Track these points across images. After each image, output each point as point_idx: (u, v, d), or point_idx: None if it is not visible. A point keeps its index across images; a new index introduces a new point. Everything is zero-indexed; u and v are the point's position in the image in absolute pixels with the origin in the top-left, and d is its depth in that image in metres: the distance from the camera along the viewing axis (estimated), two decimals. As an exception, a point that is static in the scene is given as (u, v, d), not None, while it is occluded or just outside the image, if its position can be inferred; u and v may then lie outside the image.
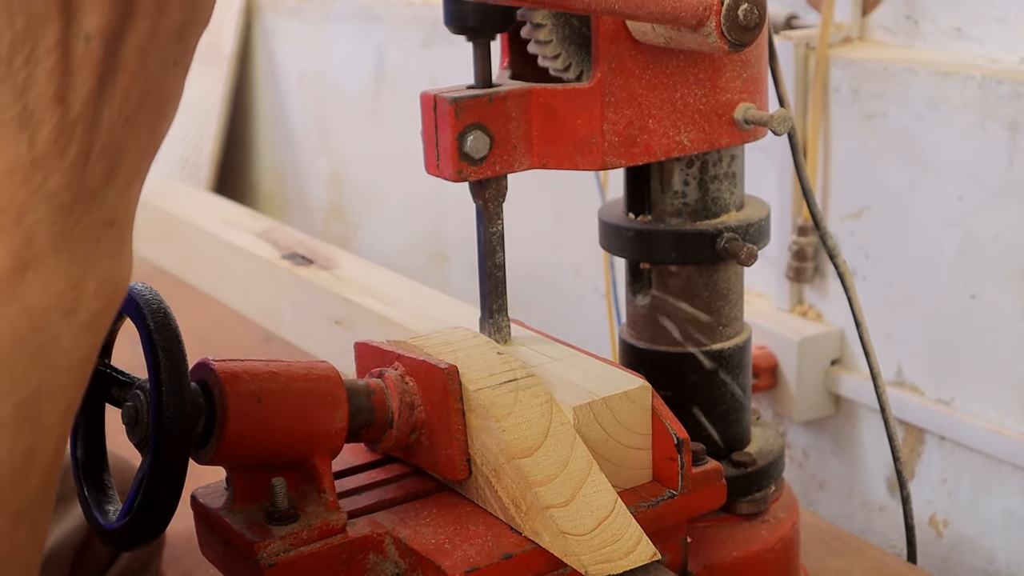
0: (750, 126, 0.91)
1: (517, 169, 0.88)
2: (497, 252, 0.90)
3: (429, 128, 0.86)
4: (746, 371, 0.99)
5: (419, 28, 2.14)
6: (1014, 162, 1.23)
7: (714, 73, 0.89)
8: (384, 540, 0.77)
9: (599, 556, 0.72)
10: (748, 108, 0.91)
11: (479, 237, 0.89)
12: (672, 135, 0.89)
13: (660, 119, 0.89)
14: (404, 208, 2.30)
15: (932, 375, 1.37)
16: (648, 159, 0.89)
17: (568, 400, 0.80)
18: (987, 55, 1.31)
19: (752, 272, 1.43)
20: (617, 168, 0.89)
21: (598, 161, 0.88)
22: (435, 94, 0.85)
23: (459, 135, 0.84)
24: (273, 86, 2.66)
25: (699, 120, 0.90)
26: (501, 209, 0.89)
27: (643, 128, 0.88)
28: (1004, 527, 1.33)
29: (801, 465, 1.57)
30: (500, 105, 0.86)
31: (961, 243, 1.30)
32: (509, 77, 0.93)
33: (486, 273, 0.90)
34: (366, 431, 0.81)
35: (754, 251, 0.92)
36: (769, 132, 0.92)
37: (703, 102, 0.90)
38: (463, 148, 0.84)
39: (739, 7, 0.82)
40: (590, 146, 0.87)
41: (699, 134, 0.90)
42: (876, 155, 1.38)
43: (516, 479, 0.75)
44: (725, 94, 0.90)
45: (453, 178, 0.85)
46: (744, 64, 0.91)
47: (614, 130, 0.87)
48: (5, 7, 0.44)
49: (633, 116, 0.88)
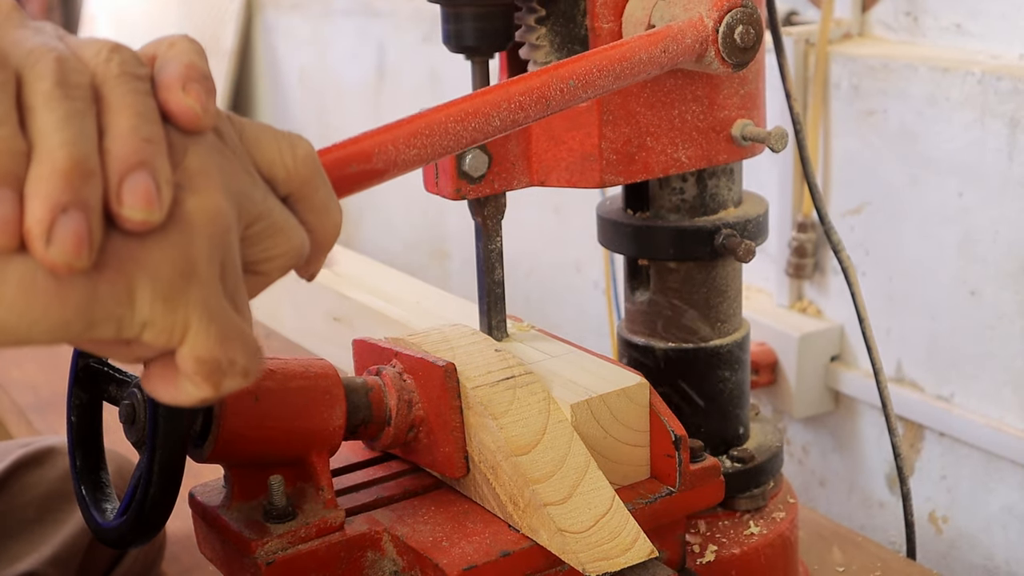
0: (748, 143, 0.91)
1: (516, 187, 0.88)
2: (496, 269, 0.90)
3: None
4: (745, 367, 0.99)
5: (420, 23, 2.14)
6: (1014, 158, 1.23)
7: (712, 90, 0.90)
8: (382, 538, 0.77)
9: (596, 553, 0.72)
10: (746, 125, 0.91)
11: (478, 254, 0.90)
12: (670, 152, 0.90)
13: (658, 136, 0.89)
14: (405, 204, 2.30)
15: (932, 371, 1.37)
16: (646, 176, 0.90)
17: (566, 397, 0.80)
18: (987, 51, 1.30)
19: (752, 268, 1.43)
20: (615, 186, 0.90)
21: (596, 179, 0.88)
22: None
23: (458, 154, 0.84)
24: (274, 81, 2.66)
25: (697, 137, 0.90)
26: (500, 226, 0.89)
27: (641, 146, 0.88)
28: (1003, 523, 1.33)
29: (801, 461, 1.57)
30: None
31: (961, 239, 1.30)
32: None
33: (485, 290, 0.90)
34: (364, 428, 0.81)
35: (752, 247, 0.92)
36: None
37: (701, 119, 0.90)
38: (462, 167, 0.85)
39: (735, 31, 0.82)
40: (588, 164, 0.88)
41: (697, 151, 0.90)
42: (876, 151, 1.38)
43: (514, 476, 0.75)
44: (723, 111, 0.91)
45: (452, 196, 0.85)
46: (742, 81, 0.91)
47: (612, 148, 0.87)
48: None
49: (631, 134, 0.88)
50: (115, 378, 0.78)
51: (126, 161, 0.44)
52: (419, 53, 2.15)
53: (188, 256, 0.45)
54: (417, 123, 0.65)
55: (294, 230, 0.51)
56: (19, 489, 1.05)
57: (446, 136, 0.66)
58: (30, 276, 0.42)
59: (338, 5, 2.38)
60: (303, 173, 0.52)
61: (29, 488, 1.05)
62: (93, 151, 0.43)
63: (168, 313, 0.45)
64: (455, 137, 0.66)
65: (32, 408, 1.44)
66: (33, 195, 0.42)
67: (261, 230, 0.49)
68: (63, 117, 0.43)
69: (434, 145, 0.65)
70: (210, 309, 0.46)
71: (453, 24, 0.86)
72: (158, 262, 0.44)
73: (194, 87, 0.47)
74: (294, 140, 0.52)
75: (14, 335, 0.43)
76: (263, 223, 0.49)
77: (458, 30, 0.86)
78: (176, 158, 0.46)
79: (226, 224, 0.47)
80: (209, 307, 0.46)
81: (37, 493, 1.05)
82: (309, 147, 0.52)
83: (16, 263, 0.42)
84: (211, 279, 0.46)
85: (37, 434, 1.37)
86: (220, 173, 0.47)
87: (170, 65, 0.47)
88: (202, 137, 0.47)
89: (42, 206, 0.42)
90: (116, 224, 0.44)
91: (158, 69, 0.48)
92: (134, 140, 0.44)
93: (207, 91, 0.47)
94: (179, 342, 0.45)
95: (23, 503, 1.04)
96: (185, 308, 0.45)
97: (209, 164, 0.47)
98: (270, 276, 0.51)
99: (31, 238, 0.42)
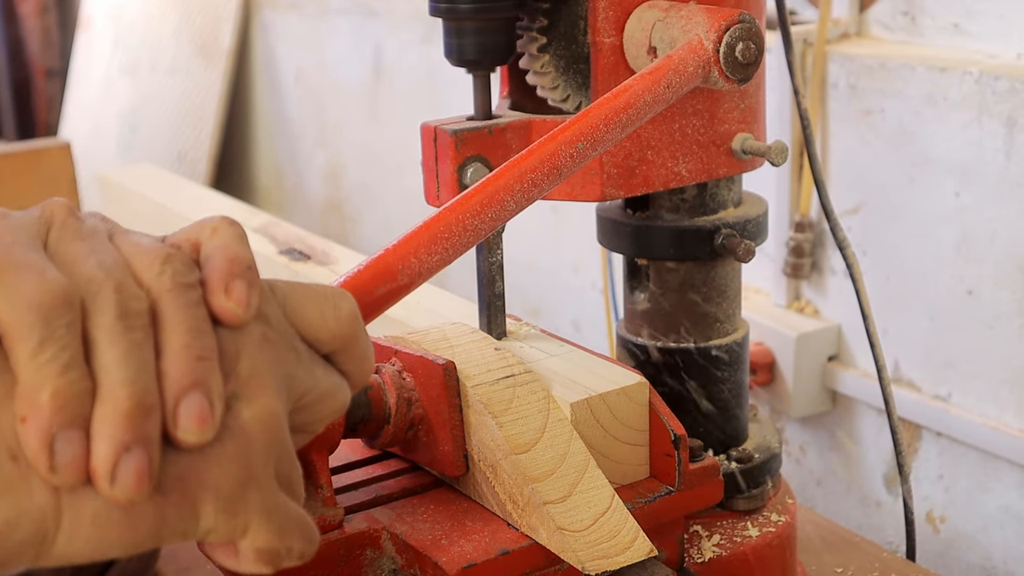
0: (748, 156, 0.92)
1: None
2: (496, 282, 0.90)
3: (429, 159, 0.86)
4: (744, 367, 0.99)
5: (417, 23, 2.14)
6: (1011, 158, 1.23)
7: (712, 104, 0.90)
8: (381, 536, 0.77)
9: (596, 552, 0.72)
10: (746, 138, 0.91)
11: (478, 266, 0.90)
12: (671, 166, 0.90)
13: (659, 150, 0.89)
14: (402, 203, 2.30)
15: (929, 371, 1.37)
16: (647, 190, 0.90)
17: (565, 396, 0.80)
18: (985, 51, 1.31)
19: (750, 268, 1.43)
20: (616, 199, 0.90)
21: (597, 192, 0.88)
22: (435, 126, 0.86)
23: (459, 167, 0.85)
24: (271, 81, 2.66)
25: (697, 151, 0.90)
26: (500, 239, 0.89)
27: (642, 159, 0.89)
28: (1001, 523, 1.33)
29: (798, 461, 1.57)
30: (500, 137, 0.86)
31: (958, 239, 1.30)
32: (509, 107, 0.93)
33: (485, 303, 0.90)
34: (363, 426, 0.81)
35: (752, 247, 0.92)
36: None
37: (701, 133, 0.90)
38: (463, 180, 0.85)
39: (735, 49, 0.82)
40: (590, 177, 0.88)
41: (697, 164, 0.91)
42: (874, 151, 1.38)
43: (513, 475, 0.75)
44: (723, 125, 0.91)
45: None
46: (742, 95, 0.91)
47: (613, 162, 0.88)
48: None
49: (632, 148, 0.88)
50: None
51: (180, 383, 0.47)
52: (416, 53, 2.16)
53: (246, 465, 0.48)
54: (435, 227, 0.66)
55: (338, 389, 0.54)
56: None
57: (465, 233, 0.68)
58: (102, 511, 0.46)
59: (335, 5, 2.38)
60: (346, 332, 0.54)
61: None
62: (152, 382, 0.46)
63: (230, 520, 0.48)
64: (474, 232, 0.68)
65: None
66: (98, 435, 0.45)
67: (309, 401, 0.53)
68: (125, 352, 0.46)
69: (454, 245, 0.67)
70: (268, 509, 0.49)
71: (455, 38, 0.86)
72: (218, 477, 0.48)
73: (236, 286, 0.50)
74: (337, 300, 0.55)
75: (91, 558, 0.46)
76: (311, 395, 0.53)
77: (460, 44, 0.86)
78: (228, 366, 0.49)
79: (279, 424, 0.50)
80: (267, 507, 0.49)
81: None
82: (351, 305, 0.55)
83: (87, 499, 0.45)
84: (267, 479, 0.49)
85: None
86: (270, 369, 0.50)
87: (213, 261, 0.50)
88: (249, 330, 0.50)
89: (107, 447, 0.45)
90: (174, 443, 0.47)
91: (203, 263, 0.50)
92: (188, 360, 0.47)
93: (249, 285, 0.50)
94: (240, 538, 0.49)
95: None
96: (245, 513, 0.48)
97: (260, 364, 0.50)
98: (316, 430, 0.55)
99: (97, 476, 0.45)
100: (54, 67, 3.70)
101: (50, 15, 3.67)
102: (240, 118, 2.79)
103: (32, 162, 2.01)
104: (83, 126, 3.14)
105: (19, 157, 2.02)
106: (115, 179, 1.90)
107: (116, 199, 1.90)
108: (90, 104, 3.13)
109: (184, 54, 2.80)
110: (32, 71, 3.72)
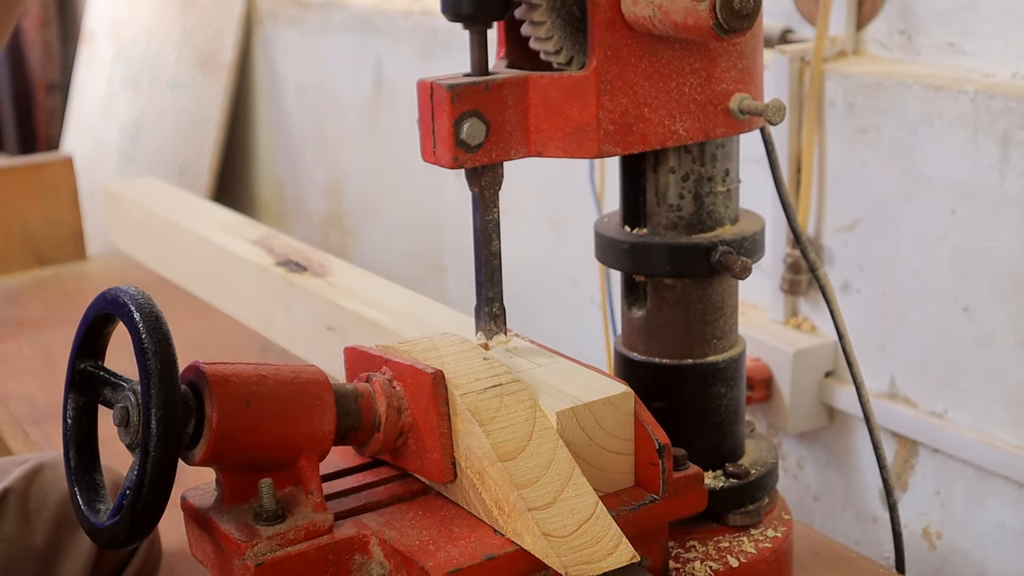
0: (745, 116, 0.91)
1: (513, 156, 0.88)
2: (493, 240, 0.89)
3: (426, 115, 0.86)
4: (740, 383, 0.99)
5: (418, 39, 2.15)
6: (1006, 176, 1.24)
7: (709, 63, 0.90)
8: (370, 541, 0.78)
9: (579, 558, 0.73)
10: (743, 98, 0.91)
11: (475, 225, 0.89)
12: (668, 124, 0.89)
13: (656, 108, 0.89)
14: (402, 218, 2.31)
15: (925, 387, 1.37)
16: (644, 147, 0.89)
17: (552, 405, 0.81)
18: (980, 69, 1.31)
19: (747, 284, 1.44)
20: (613, 156, 0.89)
21: (594, 149, 0.87)
22: (432, 81, 0.85)
23: (455, 122, 0.84)
24: (272, 95, 2.67)
25: (695, 110, 0.90)
26: (497, 197, 0.89)
27: (639, 116, 0.88)
28: (996, 539, 1.33)
29: (795, 477, 1.57)
30: (497, 92, 0.86)
31: (954, 256, 1.31)
32: (506, 67, 0.92)
33: (482, 261, 0.90)
34: (354, 434, 0.81)
35: (748, 264, 0.92)
36: (765, 118, 0.91)
37: (698, 91, 0.90)
38: (459, 135, 0.85)
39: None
40: (586, 134, 0.87)
41: (695, 123, 0.90)
42: (870, 168, 1.38)
43: (499, 482, 0.76)
44: (720, 84, 0.91)
45: (449, 165, 0.85)
46: (739, 55, 0.91)
47: (610, 118, 0.87)
48: None
49: (629, 104, 0.88)
50: (110, 382, 0.79)
51: None
52: (417, 68, 2.16)
53: None
54: None
55: None
56: (24, 515, 1.06)
57: None
58: None
59: (337, 20, 2.40)
60: None
61: (34, 514, 1.06)
62: None
63: None
64: None
65: (29, 420, 1.45)
66: None
67: None
68: None
69: None
70: None
71: None
72: None
73: None
74: None
75: None
76: None
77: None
78: None
79: None
80: None
81: (43, 518, 1.06)
82: None
83: None
84: None
85: (35, 446, 1.38)
86: None
87: None
88: None
89: None
90: None
91: None
92: None
93: None
94: None
95: (30, 528, 1.05)
96: None
97: None
98: None
99: None
100: (55, 81, 3.71)
101: (51, 29, 3.68)
102: (241, 132, 2.80)
103: (34, 176, 2.02)
104: (84, 140, 3.14)
105: (21, 171, 2.02)
106: (117, 191, 1.91)
107: (118, 211, 1.91)
108: (91, 118, 3.14)
109: (186, 68, 2.81)
110: (33, 85, 3.73)
